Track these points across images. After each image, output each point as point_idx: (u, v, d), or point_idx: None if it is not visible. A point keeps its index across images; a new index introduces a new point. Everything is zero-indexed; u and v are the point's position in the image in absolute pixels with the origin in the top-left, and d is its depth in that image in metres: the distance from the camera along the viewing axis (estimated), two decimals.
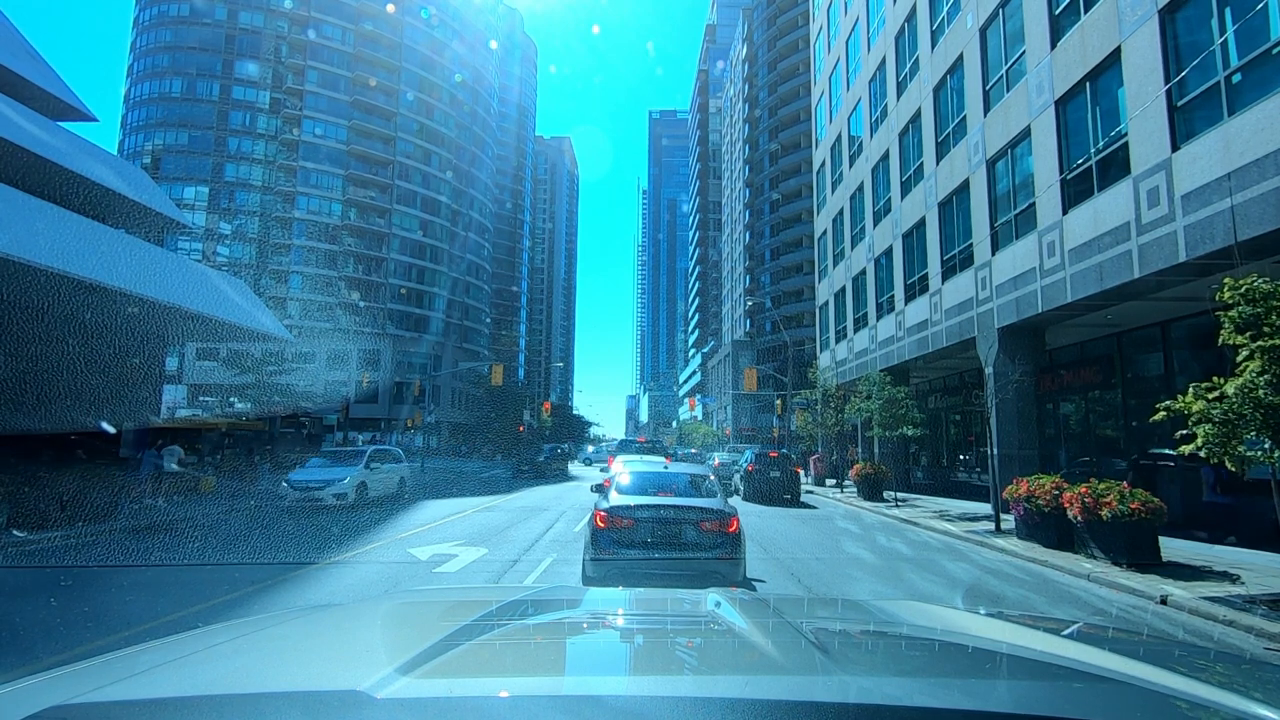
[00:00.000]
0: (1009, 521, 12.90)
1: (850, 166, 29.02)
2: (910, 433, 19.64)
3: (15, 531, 11.31)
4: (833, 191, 31.97)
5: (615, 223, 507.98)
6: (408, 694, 1.03)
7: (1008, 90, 16.18)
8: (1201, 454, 7.26)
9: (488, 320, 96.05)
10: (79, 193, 15.47)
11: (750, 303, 71.38)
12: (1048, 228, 14.40)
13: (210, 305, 16.90)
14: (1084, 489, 9.97)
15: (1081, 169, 13.46)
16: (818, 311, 35.08)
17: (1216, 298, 7.55)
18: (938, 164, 20.02)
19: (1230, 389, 7.01)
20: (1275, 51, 9.36)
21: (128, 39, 77.88)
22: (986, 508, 16.51)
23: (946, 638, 1.78)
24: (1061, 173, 14.03)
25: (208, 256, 67.96)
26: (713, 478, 8.76)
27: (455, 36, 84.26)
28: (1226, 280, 7.42)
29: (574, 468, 43.33)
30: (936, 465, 26.22)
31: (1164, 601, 7.57)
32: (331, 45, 74.66)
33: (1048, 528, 11.02)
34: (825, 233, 33.29)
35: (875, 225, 25.47)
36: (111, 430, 16.18)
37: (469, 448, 67.50)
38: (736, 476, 23.16)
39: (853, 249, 28.36)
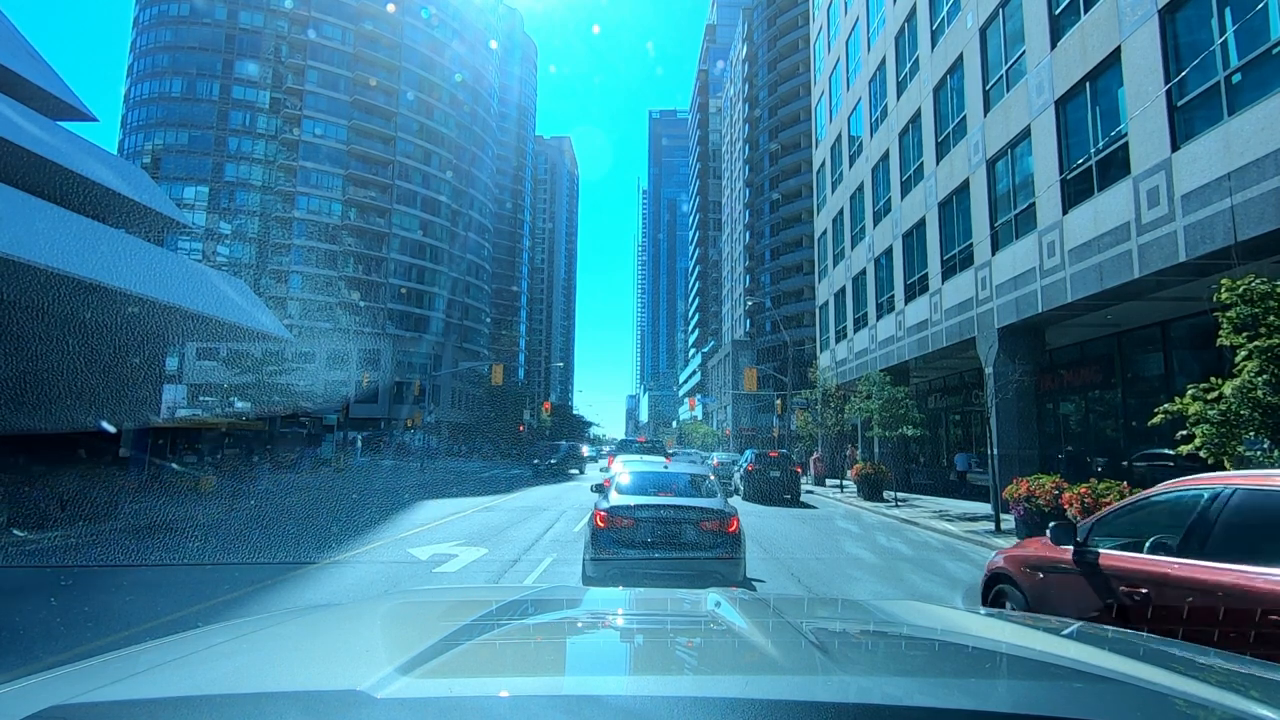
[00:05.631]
0: (1009, 521, 12.90)
1: (850, 166, 29.02)
2: (910, 433, 19.65)
3: (15, 531, 11.31)
4: (833, 191, 31.97)
5: (615, 223, 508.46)
6: (408, 694, 1.03)
7: (1008, 90, 16.18)
8: (1201, 454, 7.26)
9: (488, 320, 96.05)
10: (79, 193, 15.46)
11: (750, 303, 71.41)
12: (1048, 227, 14.40)
13: (210, 305, 16.90)
14: (1084, 489, 9.98)
15: (1081, 169, 13.46)
16: (818, 311, 35.07)
17: (1215, 298, 7.56)
18: (938, 164, 20.02)
19: (1228, 389, 7.02)
20: (1275, 51, 9.36)
21: (128, 39, 77.94)
22: (986, 508, 16.51)
23: (946, 638, 1.79)
24: (1061, 173, 14.02)
25: (208, 256, 67.95)
26: (713, 478, 8.77)
27: (455, 36, 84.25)
28: (1224, 281, 7.42)
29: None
30: (936, 465, 26.22)
31: None
32: (331, 45, 74.63)
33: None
34: (825, 233, 33.29)
35: (875, 225, 25.46)
36: (112, 430, 16.18)
37: (469, 447, 67.47)
38: (736, 476, 23.17)
39: (853, 249, 28.35)
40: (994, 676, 1.44)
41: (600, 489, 9.07)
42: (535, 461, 34.64)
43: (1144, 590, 3.76)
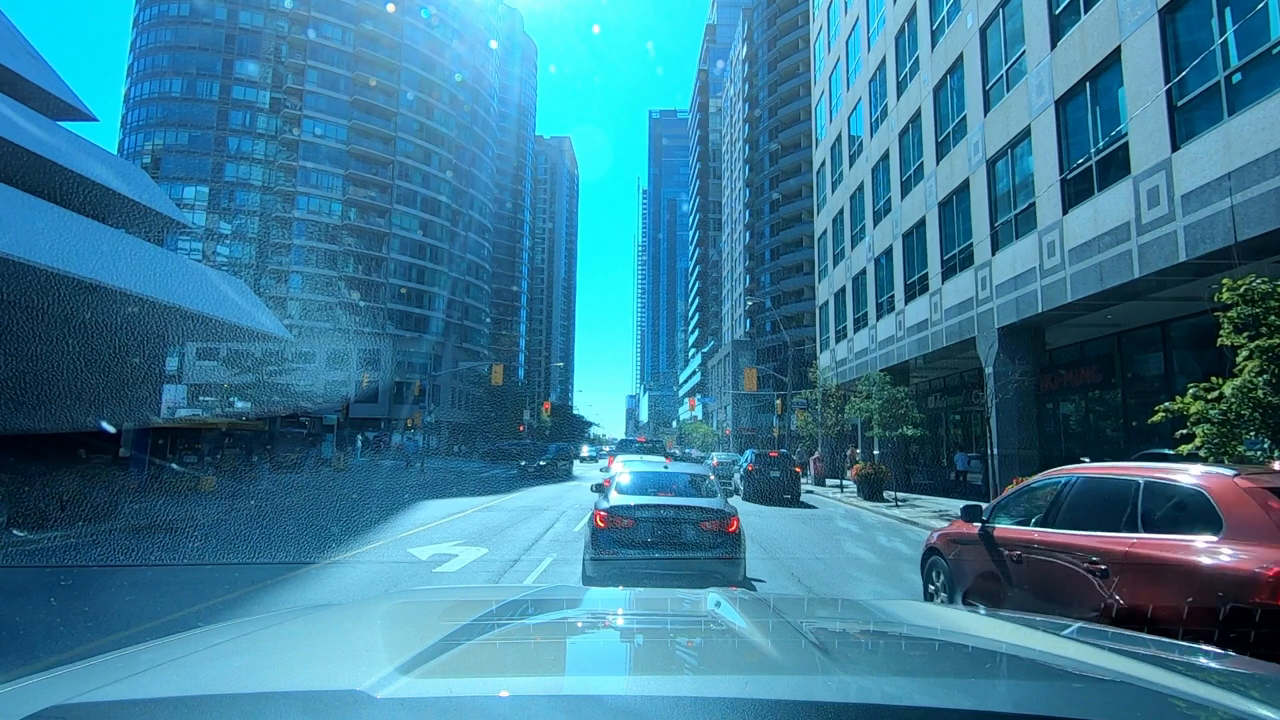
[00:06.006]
0: None
1: (850, 166, 29.03)
2: (910, 433, 19.65)
3: (15, 531, 11.31)
4: (833, 191, 31.97)
5: (615, 223, 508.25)
6: (408, 694, 1.03)
7: (1008, 90, 16.18)
8: (1201, 454, 7.26)
9: (488, 320, 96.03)
10: (79, 193, 15.46)
11: (750, 302, 71.37)
12: (1048, 227, 14.40)
13: (210, 305, 16.90)
14: None
15: (1081, 169, 13.46)
16: (818, 311, 35.08)
17: (1215, 298, 7.56)
18: (938, 164, 20.02)
19: (1228, 389, 7.02)
20: (1275, 51, 9.36)
21: (128, 39, 77.91)
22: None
23: (946, 638, 1.79)
24: (1061, 172, 14.03)
25: (208, 256, 67.92)
26: (713, 478, 8.77)
27: (455, 36, 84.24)
28: (1225, 281, 7.42)
29: (574, 468, 43.38)
30: (936, 465, 26.22)
31: None
32: (331, 45, 74.63)
33: None
34: (825, 233, 33.29)
35: (875, 225, 25.47)
36: (112, 430, 16.17)
37: (469, 447, 67.42)
38: (736, 476, 23.18)
39: (853, 249, 28.36)
40: (994, 676, 1.44)
41: (600, 489, 9.07)
42: (522, 463, 32.58)
43: (1019, 552, 5.05)
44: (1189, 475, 4.15)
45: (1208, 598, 3.49)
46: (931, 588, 6.70)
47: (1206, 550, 3.65)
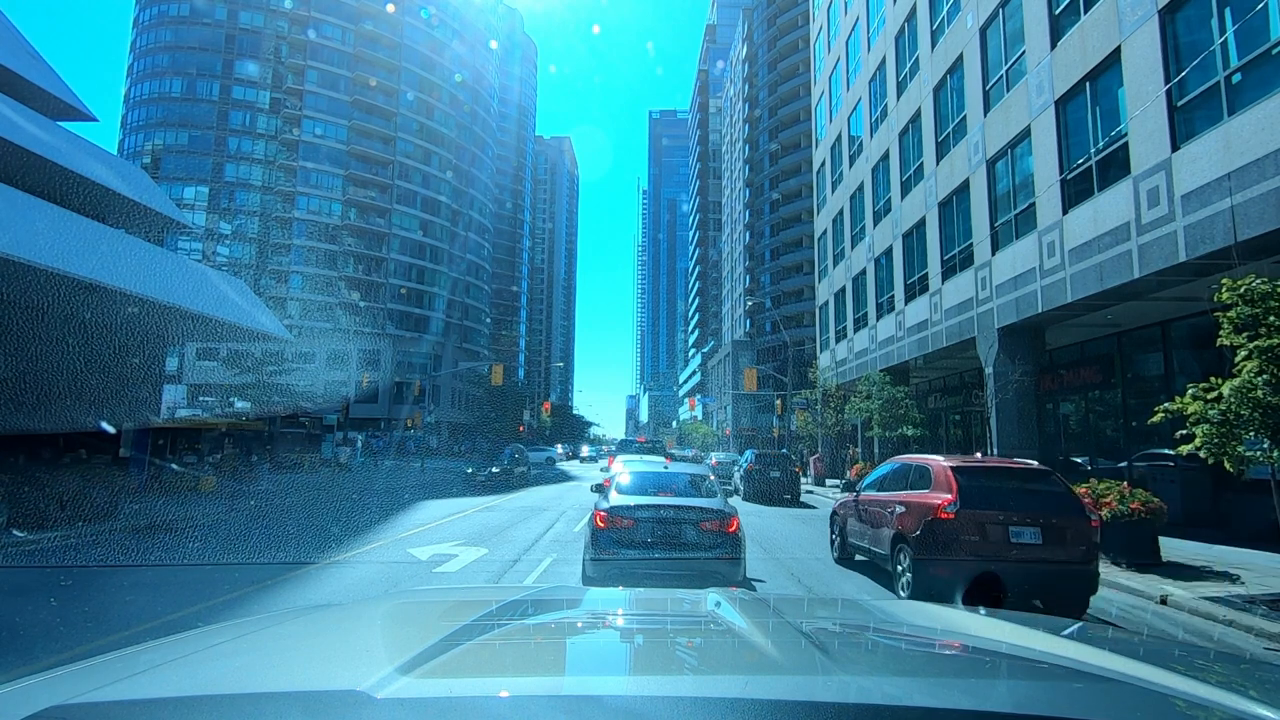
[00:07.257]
0: None
1: (850, 166, 29.02)
2: (910, 433, 19.65)
3: (15, 531, 11.30)
4: (833, 191, 31.97)
5: (615, 223, 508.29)
6: (408, 694, 1.03)
7: (1008, 90, 16.18)
8: (1200, 454, 7.26)
9: (488, 320, 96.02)
10: (79, 193, 15.45)
11: (750, 303, 71.35)
12: (1048, 228, 14.40)
13: (210, 305, 16.89)
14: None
15: (1081, 169, 13.46)
16: (818, 311, 35.08)
17: (1215, 298, 7.56)
18: (938, 164, 20.02)
19: (1227, 390, 7.01)
20: (1275, 51, 9.36)
21: (128, 39, 77.90)
22: None
23: (946, 638, 1.79)
24: (1061, 173, 14.02)
25: (208, 256, 67.88)
26: (712, 478, 8.78)
27: (455, 36, 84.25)
28: (1225, 281, 7.42)
29: (574, 468, 43.35)
30: None
31: (1164, 601, 7.57)
32: (331, 45, 74.62)
33: None
34: (825, 233, 33.29)
35: (875, 225, 25.46)
36: (112, 430, 16.17)
37: (469, 447, 67.36)
38: (736, 476, 23.19)
39: (853, 249, 28.35)
40: (994, 676, 1.44)
41: (600, 489, 9.08)
42: (469, 470, 26.46)
43: (866, 504, 9.11)
44: (927, 461, 8.12)
45: (923, 516, 7.30)
46: (833, 535, 10.60)
47: (925, 496, 7.55)
